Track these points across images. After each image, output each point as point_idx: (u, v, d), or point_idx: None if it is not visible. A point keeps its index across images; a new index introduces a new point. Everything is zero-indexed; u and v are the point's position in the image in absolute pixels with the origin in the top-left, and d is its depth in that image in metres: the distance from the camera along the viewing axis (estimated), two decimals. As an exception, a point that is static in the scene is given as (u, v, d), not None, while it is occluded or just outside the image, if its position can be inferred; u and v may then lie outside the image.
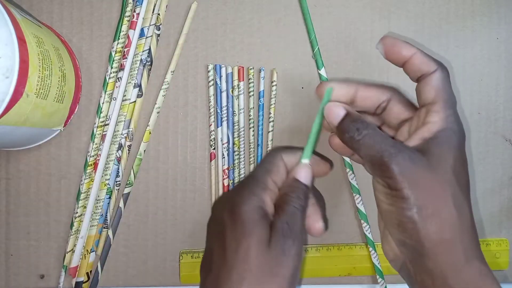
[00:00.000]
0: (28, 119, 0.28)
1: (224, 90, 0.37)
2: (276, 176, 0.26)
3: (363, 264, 0.38)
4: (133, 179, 0.37)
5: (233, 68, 0.37)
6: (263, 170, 0.26)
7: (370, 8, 0.38)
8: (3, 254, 0.37)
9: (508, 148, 0.39)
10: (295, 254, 0.24)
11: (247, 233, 0.23)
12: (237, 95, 0.37)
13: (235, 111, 0.37)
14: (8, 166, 0.37)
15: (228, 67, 0.37)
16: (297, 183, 0.26)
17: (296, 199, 0.25)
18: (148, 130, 0.36)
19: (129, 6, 0.36)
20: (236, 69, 0.37)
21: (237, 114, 0.37)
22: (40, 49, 0.28)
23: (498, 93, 0.39)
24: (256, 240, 0.23)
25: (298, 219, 0.25)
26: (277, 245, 0.23)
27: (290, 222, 0.24)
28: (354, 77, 0.38)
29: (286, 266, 0.23)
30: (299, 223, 0.25)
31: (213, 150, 0.37)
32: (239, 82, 0.37)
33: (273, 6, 0.37)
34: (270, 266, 0.23)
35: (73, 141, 0.37)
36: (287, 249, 0.23)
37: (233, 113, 0.37)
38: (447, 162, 0.24)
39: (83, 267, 0.36)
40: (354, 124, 0.24)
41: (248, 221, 0.23)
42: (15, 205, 0.37)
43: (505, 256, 0.39)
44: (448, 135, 0.24)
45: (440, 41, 0.38)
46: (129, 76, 0.36)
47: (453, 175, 0.24)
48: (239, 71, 0.37)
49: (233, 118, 0.37)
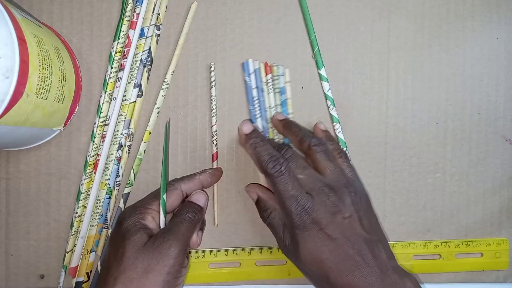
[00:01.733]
0: (28, 119, 0.28)
1: (254, 86, 0.37)
2: (166, 201, 0.32)
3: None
4: (133, 179, 0.37)
5: (260, 64, 0.37)
6: (153, 195, 0.32)
7: (370, 8, 0.38)
8: (3, 254, 0.37)
9: (508, 148, 0.39)
10: (174, 255, 0.28)
11: (124, 240, 0.29)
12: (267, 91, 0.37)
13: (266, 108, 0.37)
14: (8, 166, 0.37)
15: (255, 62, 0.37)
16: (190, 203, 0.32)
17: (185, 212, 0.31)
18: (148, 130, 0.36)
19: (129, 6, 0.36)
20: (263, 66, 0.37)
21: (268, 110, 0.37)
22: (40, 49, 0.28)
23: (498, 93, 0.39)
24: (131, 244, 0.28)
25: (183, 228, 0.30)
26: (151, 246, 0.28)
27: (174, 228, 0.29)
28: (355, 77, 0.38)
29: (162, 263, 0.27)
30: (183, 230, 0.30)
31: (216, 150, 0.37)
32: (267, 78, 0.37)
33: (273, 6, 0.37)
34: (144, 264, 0.27)
35: (73, 141, 0.37)
36: (165, 249, 0.28)
37: (265, 109, 0.37)
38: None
39: (83, 267, 0.36)
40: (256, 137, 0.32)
41: (126, 231, 0.29)
42: (15, 205, 0.37)
43: (505, 256, 0.39)
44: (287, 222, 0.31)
45: (440, 41, 0.38)
46: (129, 76, 0.36)
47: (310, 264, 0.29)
48: (266, 67, 0.37)
49: (266, 114, 0.37)
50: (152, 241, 0.28)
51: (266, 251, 0.38)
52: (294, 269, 0.38)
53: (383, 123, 0.38)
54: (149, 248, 0.28)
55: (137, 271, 0.27)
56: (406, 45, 0.38)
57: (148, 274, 0.27)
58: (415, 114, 0.38)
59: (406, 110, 0.38)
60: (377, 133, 0.38)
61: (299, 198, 0.29)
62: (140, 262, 0.27)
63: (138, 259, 0.28)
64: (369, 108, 0.38)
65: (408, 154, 0.38)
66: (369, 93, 0.38)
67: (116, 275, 0.28)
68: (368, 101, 0.38)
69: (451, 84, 0.38)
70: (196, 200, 0.32)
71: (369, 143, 0.38)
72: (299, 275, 0.38)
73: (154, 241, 0.28)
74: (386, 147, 0.38)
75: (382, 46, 0.38)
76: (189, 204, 0.32)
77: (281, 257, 0.37)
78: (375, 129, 0.38)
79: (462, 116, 0.38)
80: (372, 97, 0.38)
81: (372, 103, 0.38)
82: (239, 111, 0.37)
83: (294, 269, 0.38)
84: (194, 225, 0.31)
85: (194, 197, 0.33)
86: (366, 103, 0.38)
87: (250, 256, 0.38)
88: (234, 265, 0.38)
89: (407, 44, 0.38)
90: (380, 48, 0.38)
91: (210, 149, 0.37)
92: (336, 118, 0.37)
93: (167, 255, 0.28)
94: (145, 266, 0.27)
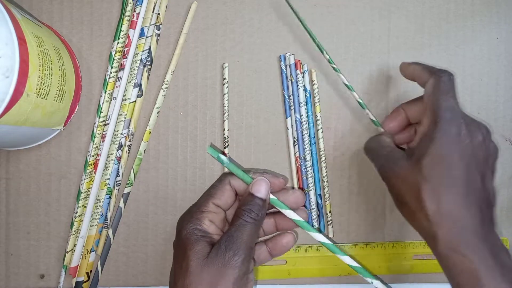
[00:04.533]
0: (28, 118, 0.28)
1: (289, 79, 0.37)
2: (219, 200, 0.30)
3: (363, 264, 0.38)
4: (133, 179, 0.37)
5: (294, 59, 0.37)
6: (206, 195, 0.31)
7: (370, 8, 0.38)
8: (3, 254, 0.37)
9: (508, 148, 0.39)
10: (238, 265, 0.27)
11: (186, 251, 0.28)
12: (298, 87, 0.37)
13: (301, 103, 0.37)
14: (8, 166, 0.37)
15: (291, 57, 0.37)
16: (250, 197, 0.29)
17: (247, 211, 0.29)
18: (148, 130, 0.36)
19: (129, 5, 0.36)
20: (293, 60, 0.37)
21: (303, 105, 0.37)
22: (40, 49, 0.28)
23: (498, 93, 0.39)
24: (194, 257, 0.27)
25: (246, 232, 0.28)
26: (215, 258, 0.27)
27: (235, 234, 0.28)
28: (354, 77, 0.38)
29: (227, 276, 0.26)
30: (246, 235, 0.28)
31: (225, 148, 0.37)
32: (298, 74, 0.37)
33: (273, 6, 0.37)
34: (209, 278, 0.26)
35: (73, 141, 0.37)
36: (227, 261, 0.26)
37: (299, 104, 0.37)
38: (427, 159, 0.27)
39: (83, 267, 0.36)
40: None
41: (186, 241, 0.28)
42: (15, 205, 0.37)
43: (505, 256, 0.39)
44: (433, 136, 0.27)
45: (440, 41, 0.38)
46: (129, 76, 0.36)
47: (431, 168, 0.26)
48: (296, 64, 0.37)
49: (300, 109, 0.37)
50: (215, 253, 0.27)
51: (266, 251, 0.38)
52: (294, 269, 0.38)
53: (383, 123, 0.38)
54: (213, 261, 0.27)
55: (203, 285, 0.26)
56: (406, 45, 0.38)
57: (215, 287, 0.26)
58: (415, 114, 0.38)
59: (406, 110, 0.38)
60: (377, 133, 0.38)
61: (456, 109, 0.27)
62: (205, 276, 0.26)
63: (203, 272, 0.26)
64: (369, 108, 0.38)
65: (408, 154, 0.38)
66: (369, 93, 0.38)
67: (183, 286, 0.27)
68: (368, 101, 0.38)
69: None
70: (257, 191, 0.29)
71: (369, 143, 0.38)
72: (299, 275, 0.38)
73: (217, 252, 0.27)
74: (386, 147, 0.38)
75: (382, 46, 0.38)
76: (249, 199, 0.29)
77: (281, 257, 0.37)
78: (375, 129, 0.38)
79: (462, 116, 0.38)
80: (372, 97, 0.38)
81: (372, 103, 0.38)
82: (239, 111, 0.37)
83: (294, 269, 0.38)
84: (258, 225, 0.29)
85: (255, 188, 0.30)
86: (366, 103, 0.38)
87: (250, 256, 0.38)
88: (234, 265, 0.38)
89: (407, 44, 0.38)
90: (380, 48, 0.38)
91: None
92: (364, 104, 0.35)
93: (231, 266, 0.26)
94: (211, 280, 0.26)
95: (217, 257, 0.27)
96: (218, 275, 0.26)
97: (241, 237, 0.27)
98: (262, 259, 0.33)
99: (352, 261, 0.32)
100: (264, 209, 0.29)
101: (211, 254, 0.27)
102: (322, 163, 0.37)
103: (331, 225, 0.37)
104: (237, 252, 0.27)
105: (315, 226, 0.37)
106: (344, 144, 0.38)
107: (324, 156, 0.37)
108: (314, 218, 0.37)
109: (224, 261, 0.26)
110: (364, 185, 0.38)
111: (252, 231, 0.28)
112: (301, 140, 0.37)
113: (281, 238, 0.32)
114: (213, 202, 0.30)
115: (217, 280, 0.26)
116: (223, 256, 0.27)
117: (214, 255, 0.27)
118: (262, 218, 0.29)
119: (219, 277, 0.26)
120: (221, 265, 0.26)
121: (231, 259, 0.26)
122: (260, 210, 0.29)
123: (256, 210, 0.29)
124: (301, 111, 0.37)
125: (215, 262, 0.26)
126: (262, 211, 0.29)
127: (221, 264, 0.26)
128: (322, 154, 0.37)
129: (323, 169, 0.37)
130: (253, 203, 0.29)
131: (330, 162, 0.38)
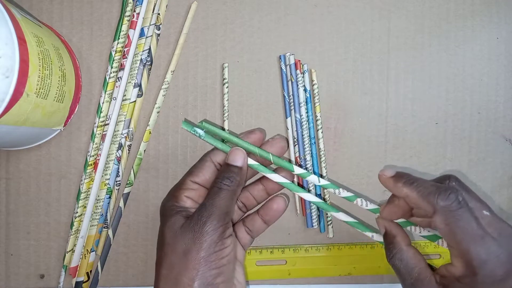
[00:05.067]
0: (28, 118, 0.28)
1: (289, 79, 0.37)
2: (197, 177, 0.30)
3: (363, 264, 0.38)
4: (133, 179, 0.37)
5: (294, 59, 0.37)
6: (186, 174, 0.31)
7: (370, 8, 0.38)
8: (3, 254, 0.37)
9: (508, 148, 0.39)
10: (208, 231, 0.27)
11: (162, 227, 0.29)
12: (298, 87, 0.37)
13: (301, 103, 0.37)
14: (8, 166, 0.37)
15: (291, 57, 0.37)
16: (225, 167, 0.30)
17: (220, 179, 0.29)
18: (148, 130, 0.36)
19: (129, 5, 0.36)
20: (293, 60, 0.37)
21: (303, 105, 0.37)
22: (40, 49, 0.28)
23: (498, 93, 0.39)
24: (168, 229, 0.28)
25: (218, 199, 0.28)
26: (188, 227, 0.27)
27: (208, 202, 0.28)
28: (355, 77, 0.38)
29: (198, 241, 0.27)
30: (218, 202, 0.28)
31: None
32: (298, 74, 0.37)
33: (273, 6, 0.37)
34: (183, 246, 0.27)
35: (73, 141, 0.37)
36: (199, 228, 0.27)
37: (299, 104, 0.37)
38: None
39: (83, 267, 0.36)
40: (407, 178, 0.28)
41: (162, 218, 0.29)
42: (15, 205, 0.37)
43: (505, 256, 0.39)
44: (473, 285, 0.25)
45: (440, 41, 0.38)
46: (129, 76, 0.36)
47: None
48: (296, 64, 0.37)
49: (300, 109, 0.37)
50: (188, 222, 0.28)
51: (266, 251, 0.38)
52: (294, 269, 0.38)
53: (383, 123, 0.38)
54: (186, 230, 0.27)
55: (177, 254, 0.27)
56: (406, 45, 0.38)
57: (187, 255, 0.27)
58: (415, 114, 0.38)
59: (406, 110, 0.38)
60: (377, 133, 0.38)
61: (487, 240, 0.24)
62: (179, 245, 0.27)
63: (176, 242, 0.27)
64: (369, 108, 0.38)
65: (408, 154, 0.38)
66: (369, 93, 0.38)
67: (160, 261, 0.28)
68: (368, 101, 0.38)
69: (451, 84, 0.38)
70: (233, 161, 0.30)
71: (369, 143, 0.38)
72: (299, 275, 0.38)
73: (190, 221, 0.28)
74: (386, 147, 0.38)
75: (382, 46, 0.38)
76: (224, 168, 0.30)
77: (281, 257, 0.37)
78: (375, 129, 0.38)
79: (462, 116, 0.38)
80: (372, 97, 0.38)
81: (372, 103, 0.38)
82: (239, 111, 0.37)
83: (294, 269, 0.38)
84: (232, 191, 0.29)
85: (230, 158, 0.30)
86: (366, 103, 0.38)
87: (250, 256, 0.38)
88: (234, 265, 0.38)
89: (407, 44, 0.38)
90: (380, 48, 0.38)
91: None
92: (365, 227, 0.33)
93: (202, 233, 0.27)
94: (184, 248, 0.27)
95: (190, 226, 0.27)
96: (190, 243, 0.27)
97: (213, 204, 0.28)
98: (258, 229, 0.33)
99: (347, 217, 0.32)
100: (238, 176, 0.30)
101: (185, 224, 0.28)
102: (322, 163, 0.37)
103: (331, 225, 0.37)
104: (209, 218, 0.27)
105: (315, 226, 0.37)
106: (344, 144, 0.38)
107: (324, 156, 0.37)
108: (314, 218, 0.37)
109: (196, 228, 0.27)
110: (364, 185, 0.38)
111: (226, 197, 0.29)
112: (301, 140, 0.37)
113: (271, 203, 0.32)
114: (190, 180, 0.30)
115: (190, 247, 0.27)
116: (196, 224, 0.27)
117: (187, 225, 0.28)
118: (238, 185, 0.29)
119: (191, 244, 0.27)
120: (193, 233, 0.27)
121: (202, 226, 0.27)
122: (234, 176, 0.29)
123: (230, 177, 0.29)
124: (301, 111, 0.37)
125: (187, 230, 0.27)
126: (237, 178, 0.29)
127: (194, 231, 0.27)
128: (322, 154, 0.37)
129: (323, 169, 0.37)
130: (227, 171, 0.29)
131: (330, 162, 0.38)
